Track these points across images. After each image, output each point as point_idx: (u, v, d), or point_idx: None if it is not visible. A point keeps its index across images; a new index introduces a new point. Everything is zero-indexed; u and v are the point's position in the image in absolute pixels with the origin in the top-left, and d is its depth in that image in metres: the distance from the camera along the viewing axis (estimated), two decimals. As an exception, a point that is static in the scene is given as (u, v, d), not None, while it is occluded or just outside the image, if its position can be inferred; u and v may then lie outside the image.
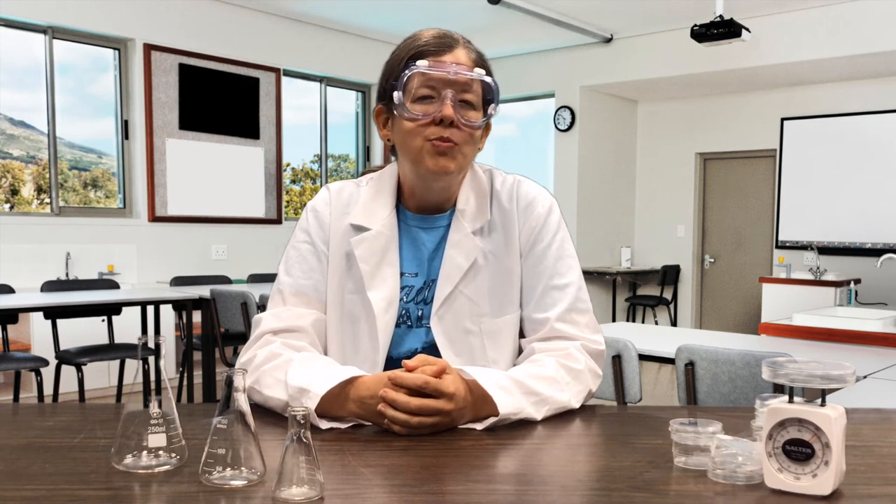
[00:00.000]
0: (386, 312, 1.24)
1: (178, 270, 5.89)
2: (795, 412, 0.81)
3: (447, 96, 1.17)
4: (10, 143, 5.50)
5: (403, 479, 0.87)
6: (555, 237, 1.28)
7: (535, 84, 7.83)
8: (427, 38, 1.22)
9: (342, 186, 1.34)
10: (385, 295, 1.25)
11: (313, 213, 1.31)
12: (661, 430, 1.07)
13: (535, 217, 1.28)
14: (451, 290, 1.24)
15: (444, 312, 1.24)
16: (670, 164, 8.23)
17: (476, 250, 1.26)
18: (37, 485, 0.83)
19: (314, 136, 7.30)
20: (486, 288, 1.26)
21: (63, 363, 4.04)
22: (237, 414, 0.86)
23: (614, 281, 7.91)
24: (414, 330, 1.27)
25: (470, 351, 1.25)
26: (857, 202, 7.00)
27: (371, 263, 1.26)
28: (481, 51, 1.27)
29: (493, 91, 1.23)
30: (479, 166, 1.33)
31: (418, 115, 1.18)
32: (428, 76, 1.18)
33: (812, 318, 3.32)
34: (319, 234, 1.29)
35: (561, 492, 0.83)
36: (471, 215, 1.28)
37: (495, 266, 1.28)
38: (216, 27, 6.20)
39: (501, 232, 1.29)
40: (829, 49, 6.16)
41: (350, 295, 1.27)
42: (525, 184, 1.32)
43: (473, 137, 1.22)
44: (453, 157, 1.20)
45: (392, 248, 1.27)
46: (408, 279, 1.28)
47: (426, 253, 1.29)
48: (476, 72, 1.20)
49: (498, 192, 1.30)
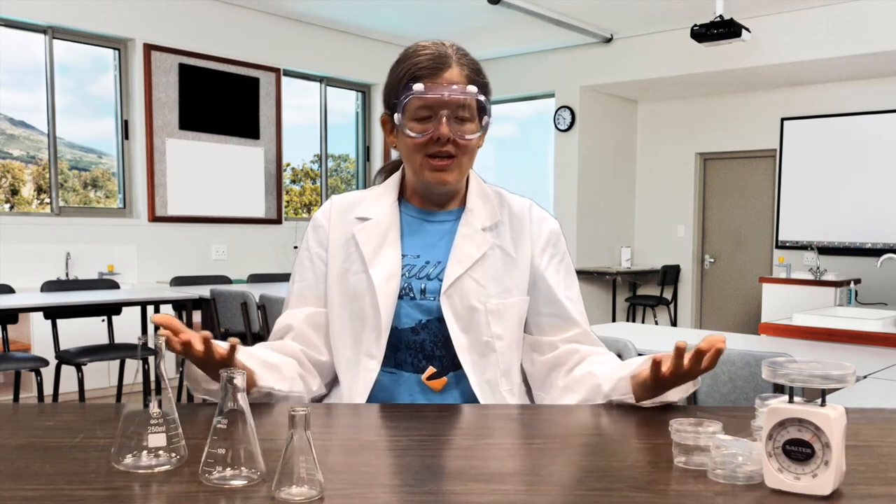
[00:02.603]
0: (387, 284, 1.32)
1: (178, 270, 5.89)
2: (795, 412, 0.81)
3: (443, 116, 1.28)
4: (10, 143, 5.50)
5: (403, 479, 0.87)
6: (566, 253, 1.44)
7: (535, 84, 7.83)
8: (422, 58, 1.31)
9: (345, 195, 1.46)
10: (385, 270, 1.33)
11: (312, 222, 1.44)
12: (661, 430, 1.07)
13: (552, 232, 1.41)
14: (461, 273, 1.32)
15: (452, 292, 1.32)
16: (670, 164, 8.23)
17: (487, 243, 1.36)
18: (37, 485, 0.83)
19: (314, 136, 7.30)
20: (491, 274, 1.35)
21: (63, 363, 4.04)
22: (237, 414, 0.86)
23: (614, 281, 7.91)
24: (418, 302, 1.33)
25: (476, 326, 1.32)
26: (857, 202, 7.00)
27: (372, 245, 1.35)
28: (475, 60, 1.36)
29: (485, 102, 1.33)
30: (488, 186, 1.44)
31: (417, 136, 1.30)
32: (424, 99, 1.29)
33: (812, 318, 3.32)
34: (315, 238, 1.41)
35: (561, 492, 0.83)
36: (480, 215, 1.38)
37: (502, 257, 1.37)
38: (216, 27, 6.20)
39: (510, 230, 1.39)
40: (829, 49, 6.16)
41: (354, 276, 1.35)
42: (535, 204, 1.45)
43: (470, 147, 1.34)
44: (451, 169, 1.32)
45: (393, 232, 1.37)
46: (409, 259, 1.36)
47: (429, 240, 1.38)
48: (468, 90, 1.29)
49: (508, 202, 1.42)
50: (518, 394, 1.37)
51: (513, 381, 1.36)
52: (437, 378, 1.31)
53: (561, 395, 1.33)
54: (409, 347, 1.32)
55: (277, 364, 1.29)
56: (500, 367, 1.33)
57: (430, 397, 1.31)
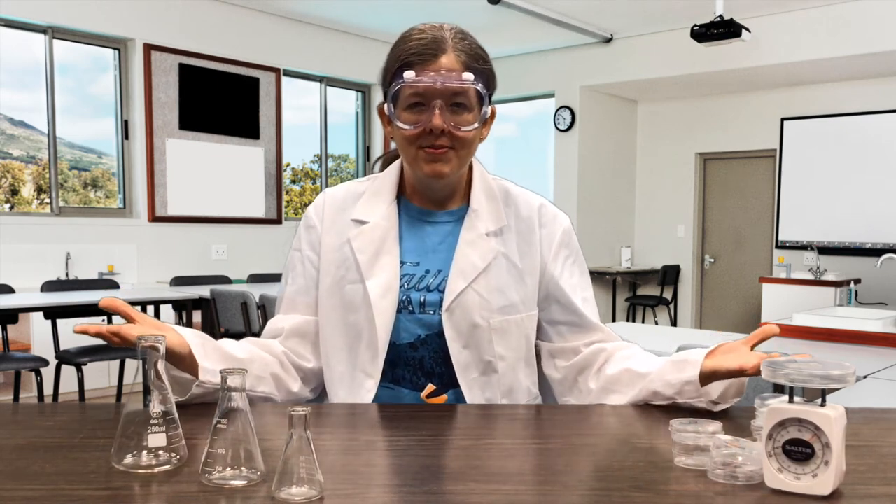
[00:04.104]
0: (383, 298, 1.25)
1: (178, 270, 5.89)
2: (795, 412, 0.81)
3: (435, 106, 1.19)
4: (10, 143, 5.50)
5: (403, 479, 0.87)
6: (579, 251, 1.38)
7: (535, 84, 7.82)
8: (415, 44, 1.21)
9: (340, 187, 1.37)
10: (382, 282, 1.26)
11: (304, 219, 1.36)
12: (661, 430, 1.07)
13: (564, 232, 1.35)
14: (465, 287, 1.25)
15: (454, 307, 1.25)
16: (670, 164, 8.23)
17: (492, 252, 1.28)
18: (37, 485, 0.83)
19: (314, 136, 7.30)
20: (496, 286, 1.27)
21: (63, 363, 4.03)
22: (237, 414, 0.86)
23: (614, 281, 7.91)
24: (417, 316, 1.26)
25: (477, 344, 1.25)
26: (857, 202, 7.00)
27: (368, 254, 1.28)
28: (476, 45, 1.25)
29: (484, 92, 1.24)
30: (494, 180, 1.35)
31: (409, 127, 1.21)
32: (415, 87, 1.19)
33: (812, 318, 3.31)
34: (307, 240, 1.34)
35: (561, 492, 0.83)
36: (485, 217, 1.30)
37: (507, 267, 1.29)
38: (216, 27, 6.20)
39: (517, 237, 1.31)
40: (829, 49, 6.16)
41: (350, 285, 1.28)
42: (545, 201, 1.37)
43: (468, 139, 1.24)
44: (447, 161, 1.22)
45: (391, 237, 1.29)
46: (408, 268, 1.29)
47: (429, 244, 1.30)
48: (463, 77, 1.19)
49: (515, 201, 1.34)
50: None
51: (518, 399, 1.31)
52: (437, 396, 1.26)
53: (600, 397, 1.27)
54: (408, 364, 1.27)
55: (243, 359, 1.23)
56: (500, 387, 1.27)
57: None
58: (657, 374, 1.20)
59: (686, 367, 1.17)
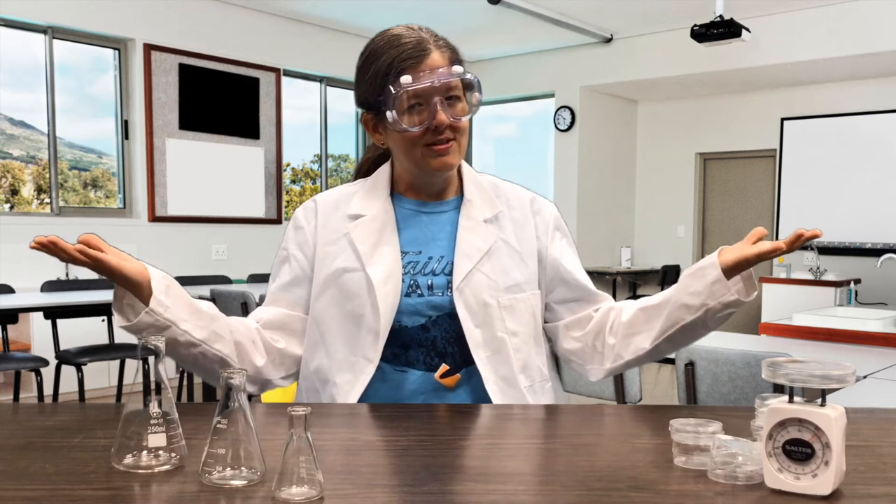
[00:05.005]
0: (386, 284, 1.28)
1: (179, 270, 5.89)
2: (795, 412, 0.81)
3: (437, 104, 1.25)
4: (10, 143, 5.50)
5: (403, 479, 0.87)
6: (570, 234, 1.45)
7: (535, 84, 7.82)
8: (402, 49, 1.27)
9: (331, 192, 1.42)
10: (384, 269, 1.29)
11: (293, 220, 1.41)
12: (661, 430, 1.07)
13: (556, 217, 1.42)
14: (471, 268, 1.29)
15: (463, 287, 1.29)
16: (670, 164, 8.23)
17: (492, 236, 1.33)
18: (37, 485, 0.83)
19: (314, 136, 7.30)
20: (500, 268, 1.32)
21: (63, 363, 4.03)
22: (237, 414, 0.86)
23: (614, 281, 7.91)
24: (427, 298, 1.29)
25: (490, 322, 1.29)
26: (857, 202, 7.00)
27: (368, 244, 1.31)
28: (447, 40, 1.33)
29: (472, 81, 1.31)
30: (480, 175, 1.42)
31: (414, 129, 1.26)
32: (416, 91, 1.25)
33: (812, 318, 3.32)
34: (295, 240, 1.38)
35: (561, 492, 0.83)
36: (480, 205, 1.36)
37: (508, 251, 1.34)
38: (216, 27, 6.20)
39: (512, 223, 1.37)
40: (829, 49, 6.16)
41: (348, 274, 1.31)
42: (534, 193, 1.45)
43: (465, 127, 1.31)
44: (452, 152, 1.29)
45: (389, 229, 1.33)
46: (410, 256, 1.32)
47: (428, 233, 1.34)
48: (454, 70, 1.27)
49: (505, 193, 1.41)
50: (541, 391, 1.34)
51: (533, 377, 1.33)
52: (451, 375, 1.28)
53: (623, 347, 1.32)
54: (421, 345, 1.29)
55: (206, 313, 1.24)
56: (516, 362, 1.30)
57: (441, 395, 1.28)
58: (676, 293, 1.27)
59: (705, 272, 1.23)
